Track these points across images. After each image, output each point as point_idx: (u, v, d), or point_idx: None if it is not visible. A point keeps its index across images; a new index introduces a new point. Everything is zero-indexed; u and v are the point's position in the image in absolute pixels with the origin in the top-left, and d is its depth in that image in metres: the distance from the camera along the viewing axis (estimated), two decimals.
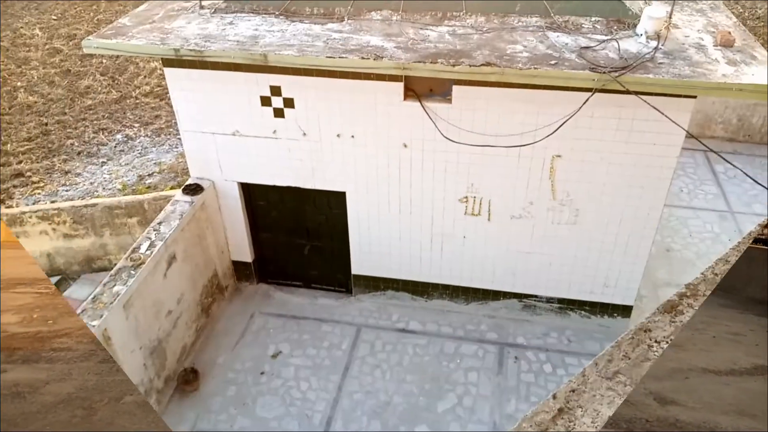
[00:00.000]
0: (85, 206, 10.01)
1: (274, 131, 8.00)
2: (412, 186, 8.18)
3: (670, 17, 7.14)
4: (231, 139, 8.18)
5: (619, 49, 6.63)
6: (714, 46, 6.82)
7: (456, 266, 8.86)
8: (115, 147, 12.88)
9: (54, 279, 10.49)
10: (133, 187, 11.49)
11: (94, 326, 6.47)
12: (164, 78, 8.07)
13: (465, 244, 8.58)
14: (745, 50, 6.74)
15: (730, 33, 6.93)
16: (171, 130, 13.25)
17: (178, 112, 8.14)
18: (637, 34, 6.90)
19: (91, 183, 11.78)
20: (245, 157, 8.31)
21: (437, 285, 9.15)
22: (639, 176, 7.44)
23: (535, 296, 8.92)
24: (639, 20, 6.97)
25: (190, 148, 8.46)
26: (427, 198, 8.26)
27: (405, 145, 7.81)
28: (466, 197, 8.14)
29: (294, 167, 8.28)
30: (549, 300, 8.91)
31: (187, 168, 8.82)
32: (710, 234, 10.35)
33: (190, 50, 6.96)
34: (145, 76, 15.46)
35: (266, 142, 8.11)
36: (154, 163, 12.23)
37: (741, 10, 19.08)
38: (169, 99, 8.33)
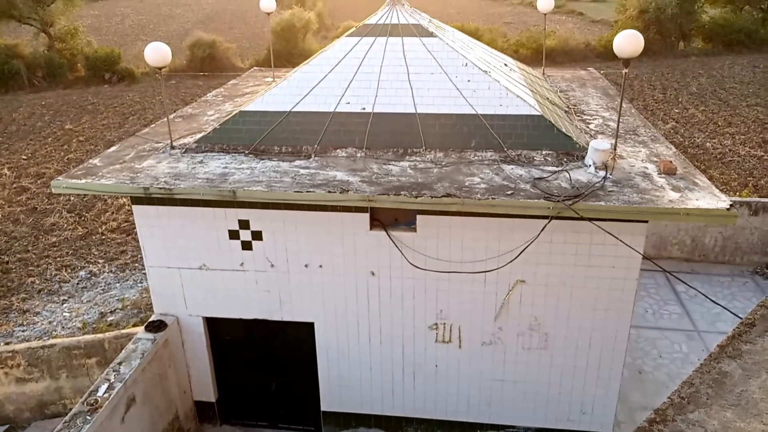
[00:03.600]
0: (42, 347, 9.57)
1: (242, 264, 8.01)
2: (381, 314, 8.13)
3: (615, 149, 7.69)
4: (197, 273, 8.14)
5: (570, 179, 7.03)
6: (658, 174, 7.29)
7: (430, 397, 8.60)
8: (77, 284, 12.63)
9: (1, 429, 9.75)
10: (94, 325, 11.13)
11: None
12: (132, 213, 8.15)
13: (437, 373, 8.41)
14: (687, 177, 7.22)
15: (671, 162, 7.46)
16: (136, 265, 13.12)
17: (144, 248, 8.14)
18: (586, 165, 7.36)
19: (50, 322, 11.38)
20: (211, 290, 8.23)
21: (411, 419, 8.80)
22: (602, 299, 7.58)
23: (513, 427, 8.63)
24: (586, 152, 7.47)
25: (155, 283, 8.36)
26: (396, 326, 8.19)
27: (372, 273, 7.88)
28: (436, 324, 8.11)
29: (261, 299, 8.20)
30: (527, 430, 8.62)
31: (151, 303, 8.65)
32: (679, 354, 10.38)
33: (160, 188, 7.12)
34: (112, 212, 15.57)
35: (233, 274, 8.08)
36: (117, 300, 11.96)
37: (681, 139, 20.63)
38: (136, 234, 8.37)
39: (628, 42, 6.89)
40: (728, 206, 6.42)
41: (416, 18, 9.30)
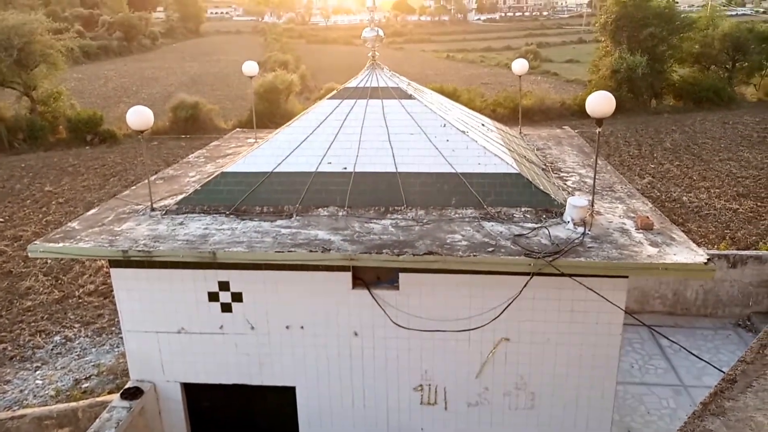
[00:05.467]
0: (11, 418, 9.18)
1: (221, 326, 7.85)
2: (364, 376, 7.96)
3: (593, 205, 7.80)
4: (175, 338, 7.95)
5: (549, 236, 7.09)
6: (636, 229, 7.39)
7: None
8: (51, 350, 12.25)
9: None
10: (68, 393, 10.74)
11: None
12: (111, 276, 8.02)
13: None
14: (664, 232, 7.32)
15: (648, 217, 7.57)
16: (113, 329, 12.81)
17: (122, 312, 7.96)
18: (565, 222, 7.45)
19: (21, 390, 10.97)
20: (190, 355, 8.02)
21: None
22: (587, 356, 7.52)
23: None
24: (565, 209, 7.57)
25: (132, 348, 8.14)
26: (380, 388, 8.01)
27: (356, 334, 7.76)
28: (421, 386, 7.94)
29: (241, 363, 8.00)
30: None
31: (128, 369, 8.40)
32: (668, 410, 10.23)
33: (139, 251, 7.04)
34: (90, 275, 15.30)
35: (212, 338, 7.91)
36: (93, 365, 11.60)
37: (658, 194, 21.06)
38: (114, 297, 8.23)
39: (600, 103, 7.11)
40: (705, 260, 6.50)
41: (395, 81, 9.55)
